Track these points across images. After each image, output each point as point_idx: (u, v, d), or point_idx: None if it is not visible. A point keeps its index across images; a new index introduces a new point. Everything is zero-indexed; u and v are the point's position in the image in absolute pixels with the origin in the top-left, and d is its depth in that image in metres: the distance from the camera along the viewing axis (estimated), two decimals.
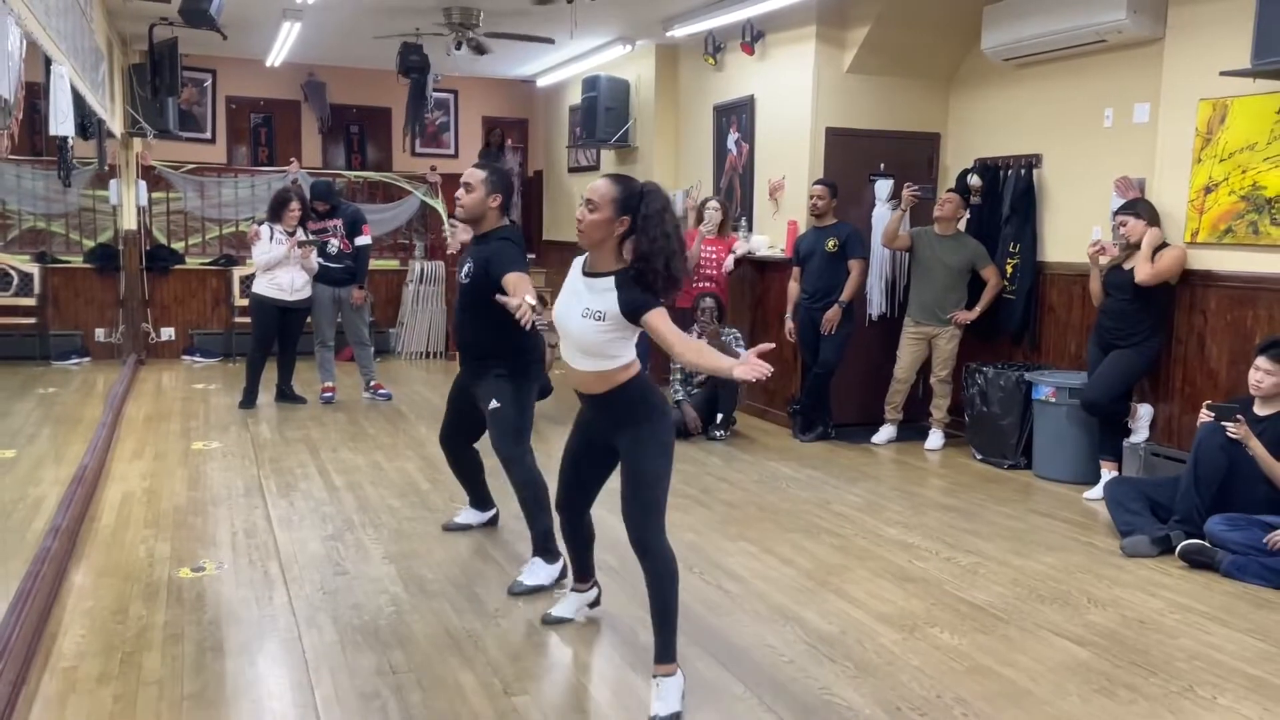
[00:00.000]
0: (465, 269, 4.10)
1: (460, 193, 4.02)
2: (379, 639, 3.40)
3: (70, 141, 4.46)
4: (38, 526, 4.54)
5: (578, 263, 3.06)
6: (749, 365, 2.72)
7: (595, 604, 3.66)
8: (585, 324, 2.94)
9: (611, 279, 2.92)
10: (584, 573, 3.59)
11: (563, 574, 3.88)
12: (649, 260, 2.86)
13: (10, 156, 8.88)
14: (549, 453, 4.77)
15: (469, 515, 4.68)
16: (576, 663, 3.34)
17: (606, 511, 3.41)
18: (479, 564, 4.21)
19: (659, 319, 2.87)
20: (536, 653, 3.37)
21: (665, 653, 2.97)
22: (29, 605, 3.27)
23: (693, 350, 2.95)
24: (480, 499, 4.64)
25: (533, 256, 12.81)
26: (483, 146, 12.58)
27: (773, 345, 2.98)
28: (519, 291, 3.58)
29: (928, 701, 3.07)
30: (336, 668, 3.17)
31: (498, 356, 4.05)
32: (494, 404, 4.01)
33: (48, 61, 4.32)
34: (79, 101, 5.50)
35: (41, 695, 2.93)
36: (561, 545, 3.67)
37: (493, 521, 4.67)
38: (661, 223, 2.89)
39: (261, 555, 4.20)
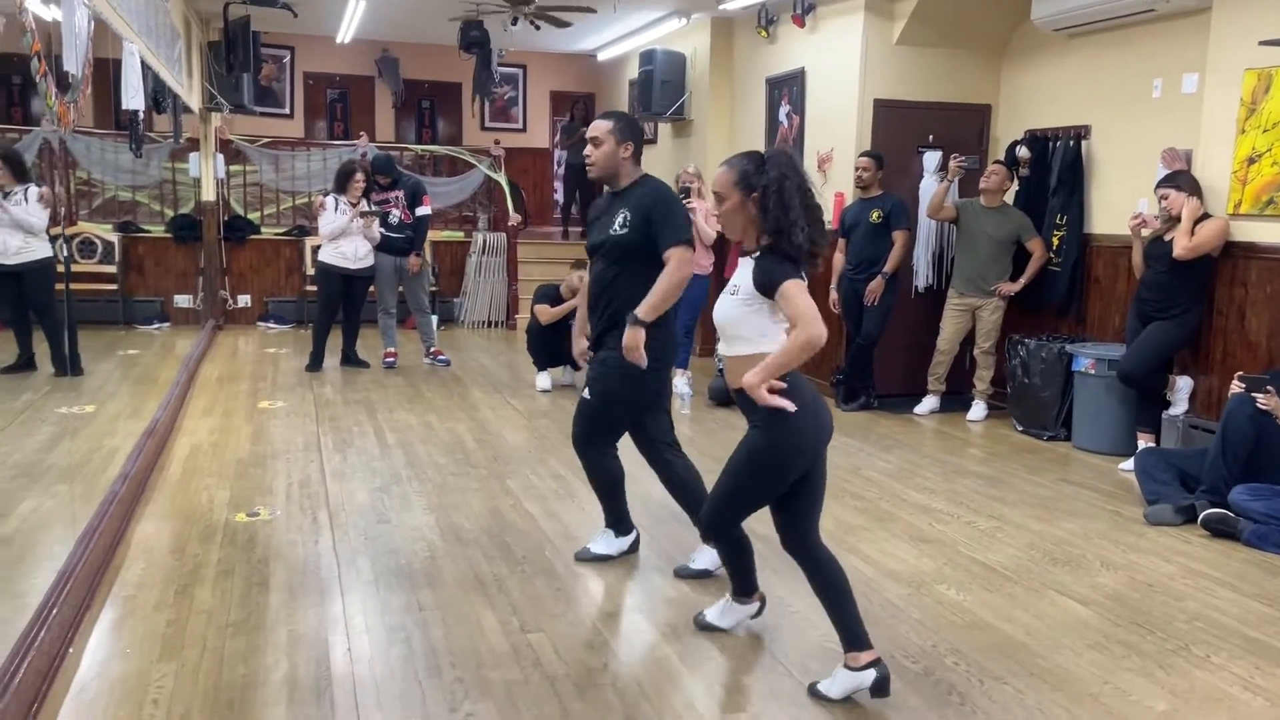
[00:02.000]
0: (620, 218, 3.61)
1: (588, 149, 3.63)
2: (411, 580, 3.66)
3: (140, 115, 4.75)
4: (110, 474, 4.92)
5: None
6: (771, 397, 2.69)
7: (757, 614, 3.35)
8: (724, 300, 2.86)
9: (756, 254, 2.82)
10: (744, 587, 3.29)
11: (633, 547, 3.92)
12: (779, 233, 2.73)
13: (95, 130, 9.38)
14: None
15: (604, 543, 3.95)
16: (593, 606, 3.54)
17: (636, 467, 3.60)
18: (514, 516, 4.44)
19: (795, 290, 2.68)
20: (556, 597, 3.58)
21: (847, 641, 2.87)
22: (95, 541, 3.60)
23: (816, 335, 2.65)
24: (616, 516, 3.95)
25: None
26: (567, 119, 12.82)
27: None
28: (682, 265, 3.45)
29: (923, 651, 3.21)
30: (369, 604, 3.44)
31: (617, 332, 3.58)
32: (586, 394, 3.72)
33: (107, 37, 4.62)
34: (153, 78, 5.85)
35: (103, 618, 3.25)
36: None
37: (634, 548, 4.00)
38: (780, 192, 2.73)
39: (312, 504, 4.50)
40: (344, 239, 7.60)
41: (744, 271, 2.83)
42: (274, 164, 10.45)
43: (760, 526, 3.22)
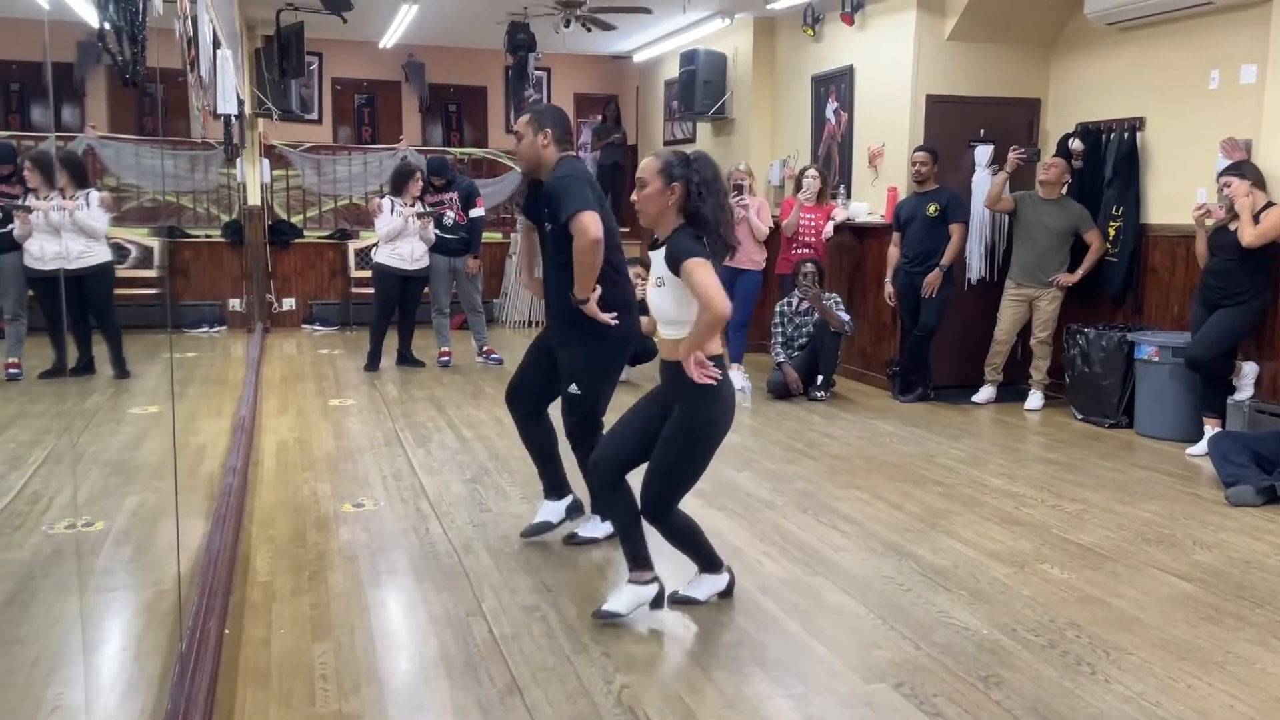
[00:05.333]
0: (546, 212, 3.70)
1: (515, 145, 3.73)
2: (530, 564, 3.76)
3: (234, 119, 4.86)
4: (205, 469, 5.03)
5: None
6: (701, 371, 2.96)
7: (656, 604, 3.30)
8: (657, 292, 3.07)
9: (667, 243, 3.03)
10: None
11: (574, 510, 4.03)
12: (704, 224, 3.00)
13: (123, 136, 9.45)
14: None
15: (547, 510, 4.05)
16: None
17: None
18: None
19: (698, 269, 2.90)
20: (675, 578, 3.66)
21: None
22: (225, 529, 3.71)
23: (720, 310, 2.89)
24: (555, 483, 4.06)
25: (625, 230, 13.13)
26: (599, 121, 12.94)
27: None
28: (585, 232, 3.39)
29: (1041, 625, 3.31)
30: (498, 586, 3.54)
31: (582, 319, 3.63)
32: (573, 389, 3.76)
33: (215, 45, 4.74)
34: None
35: (249, 603, 3.36)
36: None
37: (575, 510, 4.07)
38: (713, 191, 3.01)
39: (412, 495, 4.61)
40: (401, 240, 7.71)
41: (661, 262, 3.02)
42: (315, 168, 10.56)
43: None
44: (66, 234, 7.02)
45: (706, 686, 2.85)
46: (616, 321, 3.63)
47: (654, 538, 3.32)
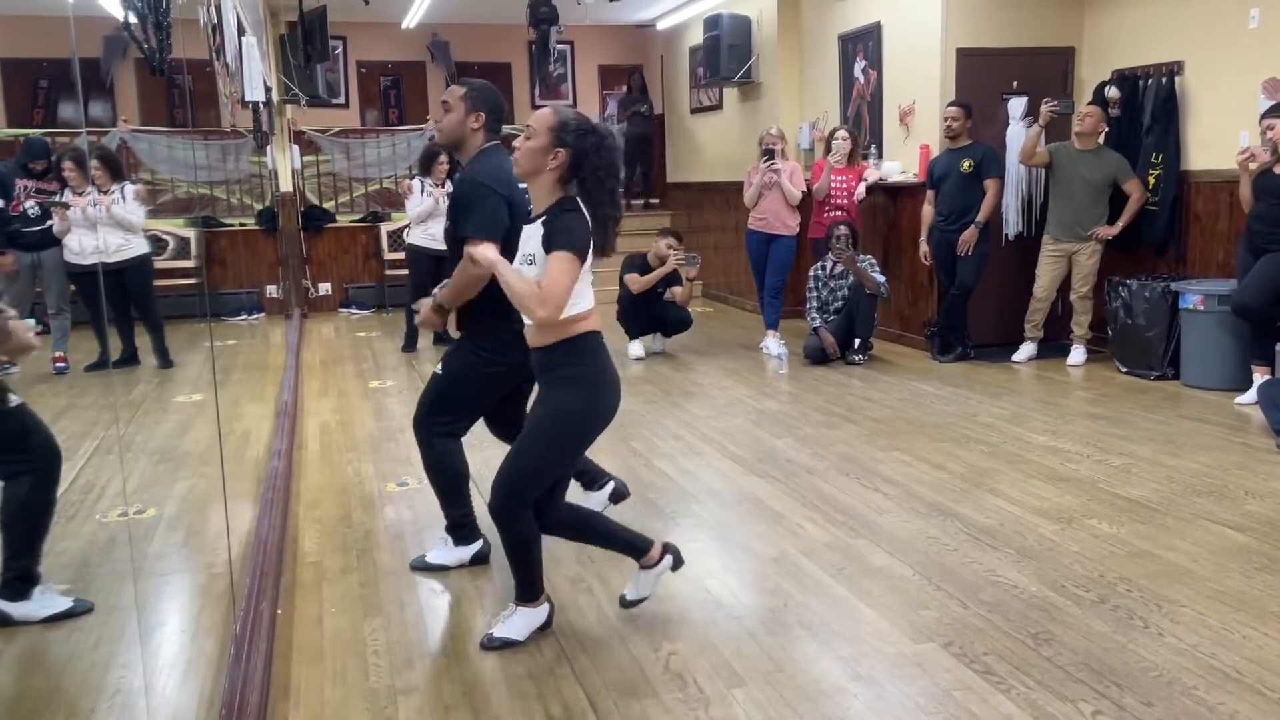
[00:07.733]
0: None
1: (440, 113, 3.35)
2: None
3: (263, 107, 4.88)
4: (251, 453, 5.11)
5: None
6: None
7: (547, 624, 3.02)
8: (529, 270, 2.71)
9: (544, 217, 2.69)
10: (533, 589, 2.99)
11: (477, 558, 3.56)
12: (592, 205, 2.69)
13: (156, 129, 9.53)
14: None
15: (442, 552, 3.61)
16: (756, 555, 3.63)
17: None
18: (649, 475, 4.55)
19: (561, 263, 2.61)
20: (720, 547, 3.69)
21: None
22: (272, 512, 3.77)
23: (545, 316, 2.63)
24: (456, 519, 3.63)
25: (656, 201, 13.08)
26: (624, 92, 12.85)
27: None
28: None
29: (1091, 580, 3.27)
30: (542, 558, 3.55)
31: (474, 323, 3.36)
32: (438, 368, 3.55)
33: (240, 33, 4.75)
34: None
35: (300, 583, 3.41)
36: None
37: (479, 559, 3.60)
38: (603, 182, 2.68)
39: None
40: (432, 220, 7.72)
41: (537, 239, 2.69)
42: (345, 152, 10.61)
43: None
44: (104, 228, 7.12)
45: (754, 651, 2.86)
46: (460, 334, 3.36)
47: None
